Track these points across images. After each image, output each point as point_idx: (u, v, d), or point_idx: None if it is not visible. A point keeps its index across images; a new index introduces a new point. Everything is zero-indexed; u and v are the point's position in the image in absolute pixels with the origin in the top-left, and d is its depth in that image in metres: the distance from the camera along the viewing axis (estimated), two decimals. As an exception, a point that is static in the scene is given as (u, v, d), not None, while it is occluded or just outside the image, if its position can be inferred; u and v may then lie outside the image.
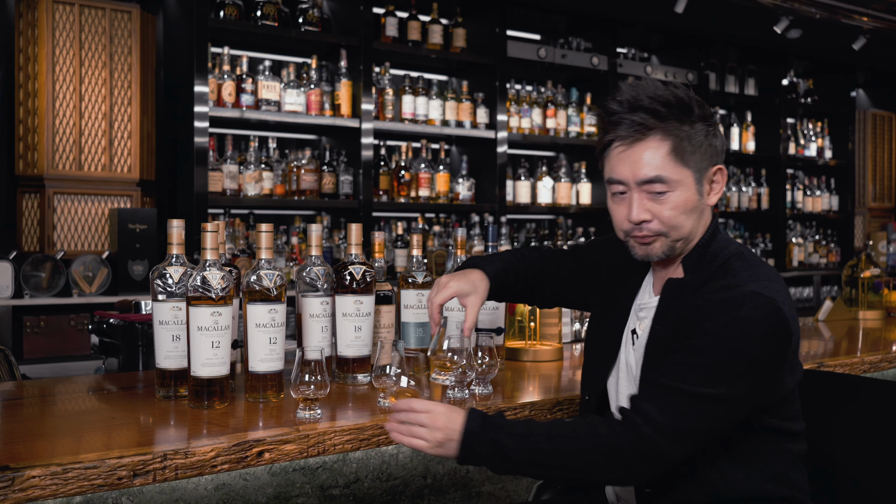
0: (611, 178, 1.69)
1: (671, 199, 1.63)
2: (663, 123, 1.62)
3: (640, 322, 1.74)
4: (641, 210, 1.64)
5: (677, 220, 1.64)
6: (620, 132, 1.64)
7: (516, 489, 2.30)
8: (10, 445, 1.50)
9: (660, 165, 1.62)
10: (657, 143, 1.62)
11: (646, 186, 1.63)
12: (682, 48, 6.27)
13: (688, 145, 1.63)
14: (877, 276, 3.80)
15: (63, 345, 4.00)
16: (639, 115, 1.62)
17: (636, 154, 1.63)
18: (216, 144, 4.50)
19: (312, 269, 2.03)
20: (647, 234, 1.66)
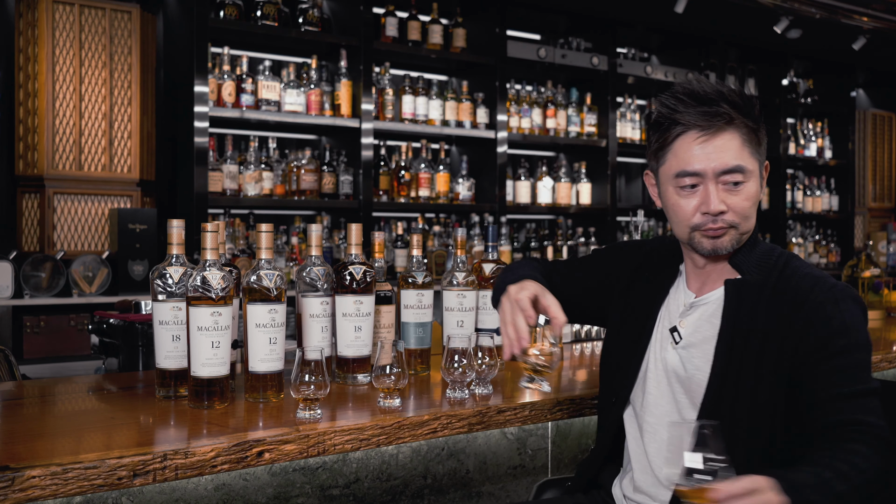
0: (684, 170, 1.66)
1: (745, 189, 1.65)
2: (741, 116, 1.64)
3: (682, 320, 1.74)
4: (719, 201, 1.64)
5: (749, 211, 1.66)
6: (698, 122, 1.64)
7: (516, 489, 2.30)
8: (10, 445, 1.50)
9: (739, 155, 1.64)
10: (734, 133, 1.64)
11: (724, 177, 1.64)
12: (682, 48, 6.27)
13: (758, 137, 1.67)
14: (877, 276, 3.80)
15: (63, 345, 4.00)
16: (721, 105, 1.63)
17: (716, 144, 1.64)
18: (216, 144, 4.50)
19: (312, 269, 2.03)
20: (721, 227, 1.66)
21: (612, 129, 5.68)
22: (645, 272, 1.87)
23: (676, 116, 1.66)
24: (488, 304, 2.34)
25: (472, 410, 1.83)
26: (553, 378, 1.79)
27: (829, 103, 7.26)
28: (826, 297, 1.61)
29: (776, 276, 1.67)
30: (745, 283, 1.68)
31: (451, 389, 1.93)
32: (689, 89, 1.66)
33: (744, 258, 1.71)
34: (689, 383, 1.70)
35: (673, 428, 1.50)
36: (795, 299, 1.63)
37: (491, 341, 1.97)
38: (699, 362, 1.69)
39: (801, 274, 1.67)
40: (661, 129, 1.69)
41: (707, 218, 1.65)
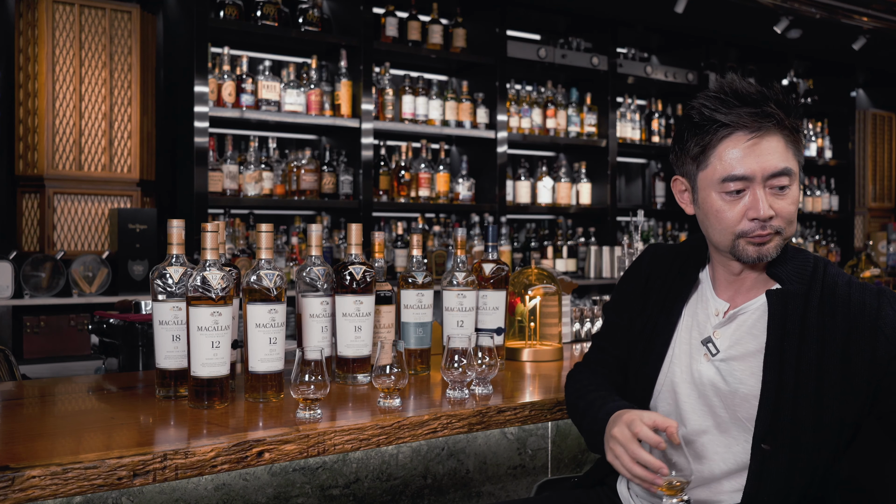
0: (732, 174, 1.58)
1: (791, 193, 1.60)
2: (786, 117, 1.59)
3: (717, 330, 1.67)
4: (768, 206, 1.57)
5: (793, 215, 1.61)
6: (748, 123, 1.57)
7: (516, 489, 2.30)
8: (10, 445, 1.50)
9: (785, 157, 1.58)
10: (784, 135, 1.59)
11: (772, 181, 1.58)
12: (682, 48, 6.27)
13: (798, 138, 1.63)
14: (877, 276, 3.80)
15: (63, 345, 4.00)
16: (769, 105, 1.57)
17: (765, 146, 1.57)
18: (216, 144, 4.50)
19: (312, 269, 2.03)
20: (769, 233, 1.59)
21: (612, 129, 5.68)
22: (657, 277, 1.80)
23: (720, 117, 1.58)
24: (488, 304, 2.34)
25: (472, 410, 1.83)
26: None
27: (829, 103, 7.26)
28: (881, 305, 1.57)
29: (819, 286, 1.62)
30: (788, 293, 1.62)
31: (451, 389, 1.93)
32: (732, 88, 1.59)
33: (780, 266, 1.65)
34: (731, 397, 1.63)
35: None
36: (848, 309, 1.58)
37: (491, 341, 1.97)
38: (742, 375, 1.63)
39: (845, 282, 1.63)
40: (703, 132, 1.61)
41: (755, 224, 1.58)
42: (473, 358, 1.93)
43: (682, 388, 1.70)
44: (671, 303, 1.74)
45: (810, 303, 1.60)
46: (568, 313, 2.83)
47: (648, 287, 1.80)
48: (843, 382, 1.55)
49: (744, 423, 1.62)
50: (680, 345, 1.72)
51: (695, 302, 1.74)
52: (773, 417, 1.57)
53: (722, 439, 1.65)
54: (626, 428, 1.54)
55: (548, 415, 1.95)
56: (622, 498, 1.82)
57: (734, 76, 1.67)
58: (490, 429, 1.87)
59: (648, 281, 1.81)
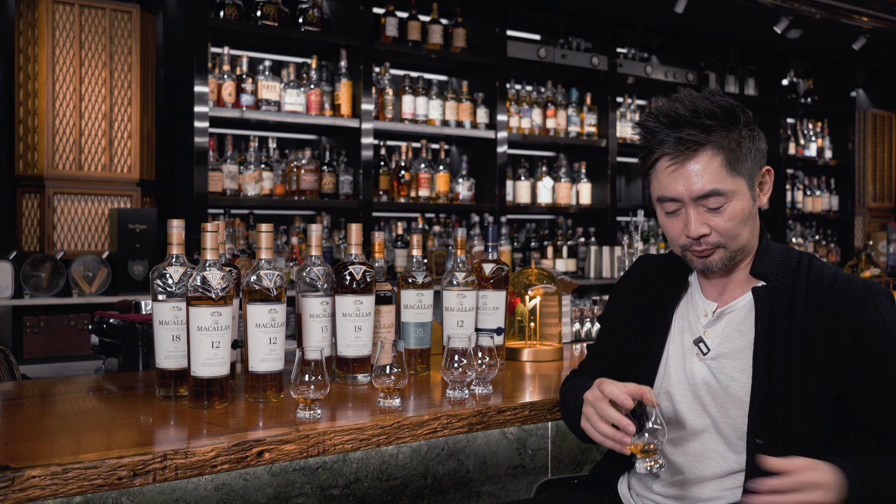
0: (662, 196, 1.64)
1: (728, 210, 1.61)
2: (712, 136, 1.59)
3: (707, 330, 1.70)
4: (699, 225, 1.61)
5: (735, 229, 1.62)
6: (667, 150, 1.61)
7: (516, 489, 2.30)
8: (10, 445, 1.50)
9: (714, 179, 1.59)
10: (709, 157, 1.59)
11: (702, 201, 1.61)
12: (682, 48, 6.27)
13: (738, 153, 1.60)
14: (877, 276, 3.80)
15: (63, 345, 4.00)
16: (686, 131, 1.58)
17: (688, 170, 1.60)
18: (216, 144, 4.50)
19: (312, 269, 2.03)
20: (706, 248, 1.63)
21: (612, 129, 5.68)
22: (649, 286, 1.82)
23: (652, 142, 1.63)
24: (488, 304, 2.34)
25: (472, 410, 1.83)
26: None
27: (829, 103, 7.26)
28: (866, 300, 1.58)
29: (804, 281, 1.64)
30: (773, 290, 1.65)
31: (451, 389, 1.93)
32: (664, 110, 1.62)
33: (762, 264, 1.67)
34: (724, 394, 1.65)
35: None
36: (833, 302, 1.60)
37: (491, 341, 1.97)
38: (733, 372, 1.65)
39: (830, 274, 1.64)
40: (644, 153, 1.67)
41: (691, 240, 1.63)
42: (473, 358, 1.93)
43: (677, 389, 1.72)
44: (663, 308, 1.77)
45: (796, 297, 1.63)
46: (568, 313, 2.83)
47: (640, 294, 1.83)
48: (823, 376, 1.58)
49: (736, 420, 1.64)
50: (673, 347, 1.74)
51: (685, 305, 1.77)
52: (765, 411, 1.59)
53: (719, 438, 1.66)
54: (597, 389, 1.60)
55: (548, 415, 1.95)
56: (623, 498, 1.82)
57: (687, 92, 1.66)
58: (490, 429, 1.87)
59: (640, 288, 1.84)
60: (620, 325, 1.85)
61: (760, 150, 1.65)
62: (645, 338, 1.77)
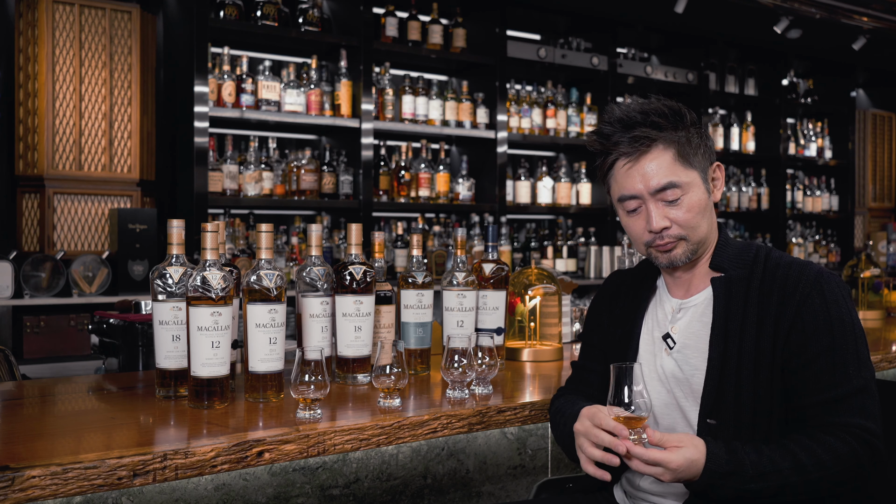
0: (622, 195, 1.73)
1: (685, 201, 1.69)
2: (663, 133, 1.69)
3: (674, 325, 1.76)
4: (660, 218, 1.69)
5: (694, 220, 1.70)
6: (623, 149, 1.70)
7: (516, 489, 2.30)
8: (10, 445, 1.50)
9: (669, 171, 1.68)
10: (661, 151, 1.69)
11: (660, 195, 1.69)
12: (682, 48, 6.27)
13: (689, 148, 1.70)
14: (877, 276, 3.80)
15: (63, 345, 4.00)
16: (638, 130, 1.68)
17: (644, 166, 1.69)
18: (216, 144, 4.50)
19: (312, 269, 2.03)
20: (668, 241, 1.70)
21: (612, 129, 5.67)
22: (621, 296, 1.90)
23: (608, 145, 1.72)
24: (488, 304, 2.34)
25: (472, 410, 1.83)
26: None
27: (829, 103, 7.26)
28: (813, 289, 1.64)
29: (761, 269, 1.70)
30: (731, 279, 1.71)
31: (451, 389, 1.93)
32: (616, 116, 1.71)
33: (720, 258, 1.74)
34: (688, 384, 1.72)
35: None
36: (784, 290, 1.66)
37: (491, 341, 1.97)
38: (696, 362, 1.71)
39: (786, 263, 1.70)
40: (601, 158, 1.76)
41: (654, 235, 1.71)
42: (473, 358, 1.93)
43: (651, 386, 1.77)
44: (634, 312, 1.85)
45: (751, 285, 1.69)
46: (568, 313, 2.83)
47: (614, 304, 1.91)
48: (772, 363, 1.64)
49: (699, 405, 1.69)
50: (644, 346, 1.81)
51: (654, 306, 1.84)
52: (718, 393, 1.65)
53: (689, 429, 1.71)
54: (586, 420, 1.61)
55: (548, 415, 1.95)
56: (617, 499, 1.83)
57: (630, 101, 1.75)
58: (490, 429, 1.87)
59: (613, 299, 1.92)
60: (598, 336, 1.92)
61: (709, 147, 1.75)
62: (620, 342, 1.84)
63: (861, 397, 1.59)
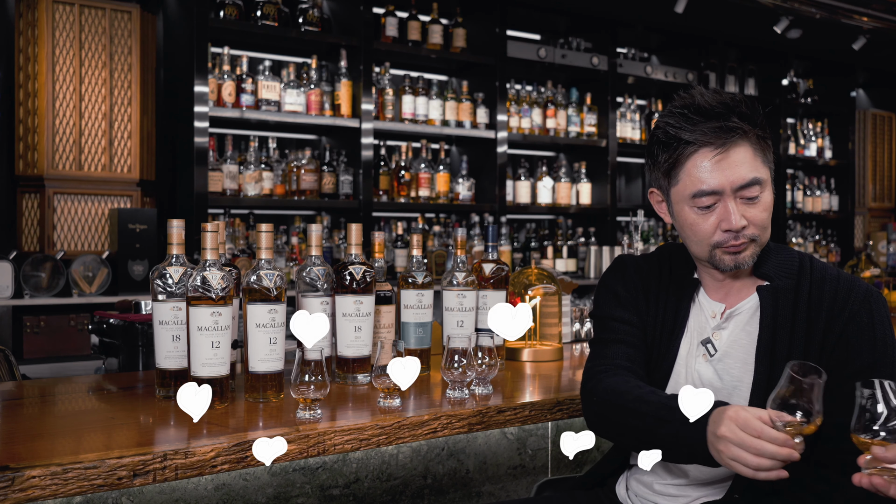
0: (700, 190, 1.61)
1: (763, 200, 1.62)
2: (749, 126, 1.61)
3: (716, 332, 1.70)
4: (739, 217, 1.60)
5: (767, 221, 1.64)
6: (712, 139, 1.59)
7: (516, 489, 2.30)
8: (10, 445, 1.50)
9: (753, 167, 1.60)
10: (746, 146, 1.61)
11: (741, 192, 1.60)
12: (682, 48, 6.26)
13: (765, 145, 1.64)
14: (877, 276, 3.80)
15: (63, 345, 4.00)
16: (732, 119, 1.59)
17: (732, 159, 1.59)
18: (216, 144, 4.50)
19: (312, 269, 2.03)
20: (742, 242, 1.62)
21: (612, 129, 5.68)
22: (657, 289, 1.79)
23: (685, 135, 1.60)
24: (488, 304, 2.34)
25: (472, 410, 1.83)
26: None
27: (829, 103, 7.26)
28: (862, 306, 1.60)
29: (808, 281, 1.65)
30: (777, 290, 1.65)
31: (451, 389, 1.93)
32: (693, 104, 1.61)
33: (765, 265, 1.68)
34: (727, 396, 1.65)
35: None
36: (834, 303, 1.61)
37: (491, 341, 1.97)
38: (738, 373, 1.65)
39: (832, 276, 1.65)
40: (671, 149, 1.63)
41: (729, 235, 1.61)
42: (473, 358, 1.93)
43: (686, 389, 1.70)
44: (673, 309, 1.75)
45: (800, 297, 1.64)
46: (568, 313, 2.83)
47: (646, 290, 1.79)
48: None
49: None
50: (683, 347, 1.73)
51: (696, 305, 1.76)
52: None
53: None
54: (733, 424, 1.41)
55: (548, 415, 1.95)
56: (620, 499, 1.82)
57: (700, 89, 1.67)
58: (490, 429, 1.87)
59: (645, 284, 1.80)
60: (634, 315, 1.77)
61: (772, 148, 1.68)
62: (659, 338, 1.76)
63: None
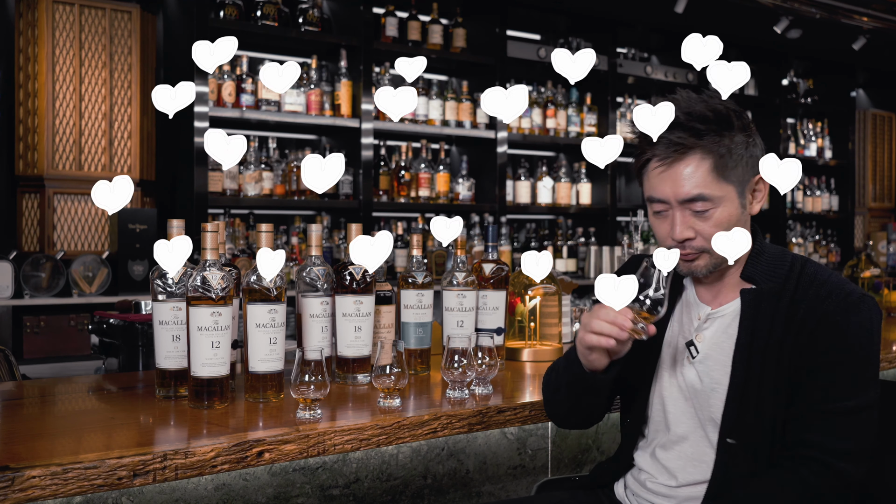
0: (651, 196, 1.65)
1: (714, 215, 1.60)
2: (702, 141, 1.58)
3: (699, 333, 1.70)
4: (684, 228, 1.61)
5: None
6: (658, 151, 1.61)
7: (516, 489, 2.30)
8: (10, 445, 1.50)
9: (701, 183, 1.58)
10: (697, 161, 1.59)
11: (688, 205, 1.60)
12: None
13: (729, 160, 1.60)
14: (877, 276, 3.80)
15: (63, 345, 4.00)
16: (676, 133, 1.59)
17: (676, 173, 1.60)
18: (216, 144, 4.50)
19: (312, 269, 2.03)
20: (690, 252, 1.62)
21: (612, 129, 5.68)
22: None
23: (643, 143, 1.64)
24: (488, 304, 2.34)
25: (472, 410, 1.83)
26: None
27: (829, 103, 7.26)
28: (838, 308, 1.57)
29: (794, 285, 1.62)
30: (761, 293, 1.63)
31: (451, 389, 1.93)
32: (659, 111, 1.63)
33: (753, 268, 1.66)
34: (707, 398, 1.66)
35: None
36: (811, 309, 1.59)
37: (491, 341, 1.97)
38: (717, 376, 1.65)
39: (820, 281, 1.61)
40: (636, 153, 1.69)
41: (676, 243, 1.62)
42: (473, 358, 1.92)
43: (669, 392, 1.72)
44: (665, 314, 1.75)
45: (782, 302, 1.61)
46: (568, 313, 2.83)
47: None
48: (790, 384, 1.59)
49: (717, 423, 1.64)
50: (667, 350, 1.74)
51: (680, 308, 1.76)
52: (739, 413, 1.60)
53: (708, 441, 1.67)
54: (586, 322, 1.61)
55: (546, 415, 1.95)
56: (619, 497, 1.82)
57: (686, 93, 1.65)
58: (490, 429, 1.87)
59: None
60: None
61: (754, 157, 1.64)
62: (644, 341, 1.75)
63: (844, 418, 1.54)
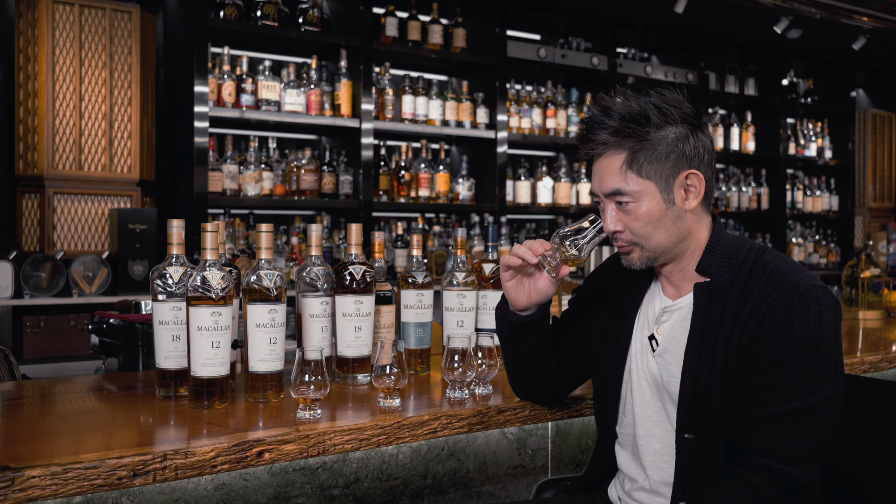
0: (591, 189, 1.75)
1: (635, 210, 1.64)
2: (615, 138, 1.64)
3: (659, 327, 1.71)
4: (614, 221, 1.68)
5: (645, 230, 1.64)
6: (582, 149, 1.71)
7: (516, 489, 2.30)
8: (10, 445, 1.50)
9: (617, 179, 1.64)
10: (611, 157, 1.66)
11: (612, 198, 1.67)
12: (682, 48, 6.27)
13: (644, 156, 1.62)
14: (877, 276, 3.80)
15: (63, 345, 4.00)
16: (593, 131, 1.67)
17: (599, 168, 1.68)
18: (216, 144, 4.50)
19: (312, 269, 2.03)
20: (622, 244, 1.69)
21: (612, 129, 5.67)
22: (618, 280, 1.84)
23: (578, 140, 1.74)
24: (488, 304, 2.34)
25: (472, 410, 1.83)
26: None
27: (829, 103, 7.26)
28: (783, 302, 1.55)
29: (745, 276, 1.62)
30: (714, 286, 1.63)
31: (451, 389, 1.93)
32: (590, 112, 1.70)
33: (707, 260, 1.66)
34: (666, 391, 1.67)
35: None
36: (758, 302, 1.57)
37: (491, 341, 1.97)
38: (673, 369, 1.66)
39: (771, 270, 1.60)
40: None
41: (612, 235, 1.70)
42: (473, 358, 1.93)
43: (637, 385, 1.74)
44: (629, 304, 1.79)
45: (733, 294, 1.61)
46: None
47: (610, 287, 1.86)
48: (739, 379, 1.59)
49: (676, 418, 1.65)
50: (636, 343, 1.76)
51: (647, 301, 1.78)
52: (692, 407, 1.61)
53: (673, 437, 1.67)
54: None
55: (548, 415, 1.95)
56: (612, 500, 1.83)
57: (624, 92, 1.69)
58: (490, 429, 1.87)
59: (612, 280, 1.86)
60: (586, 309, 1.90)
61: (684, 153, 1.63)
62: (613, 333, 1.79)
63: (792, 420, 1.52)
